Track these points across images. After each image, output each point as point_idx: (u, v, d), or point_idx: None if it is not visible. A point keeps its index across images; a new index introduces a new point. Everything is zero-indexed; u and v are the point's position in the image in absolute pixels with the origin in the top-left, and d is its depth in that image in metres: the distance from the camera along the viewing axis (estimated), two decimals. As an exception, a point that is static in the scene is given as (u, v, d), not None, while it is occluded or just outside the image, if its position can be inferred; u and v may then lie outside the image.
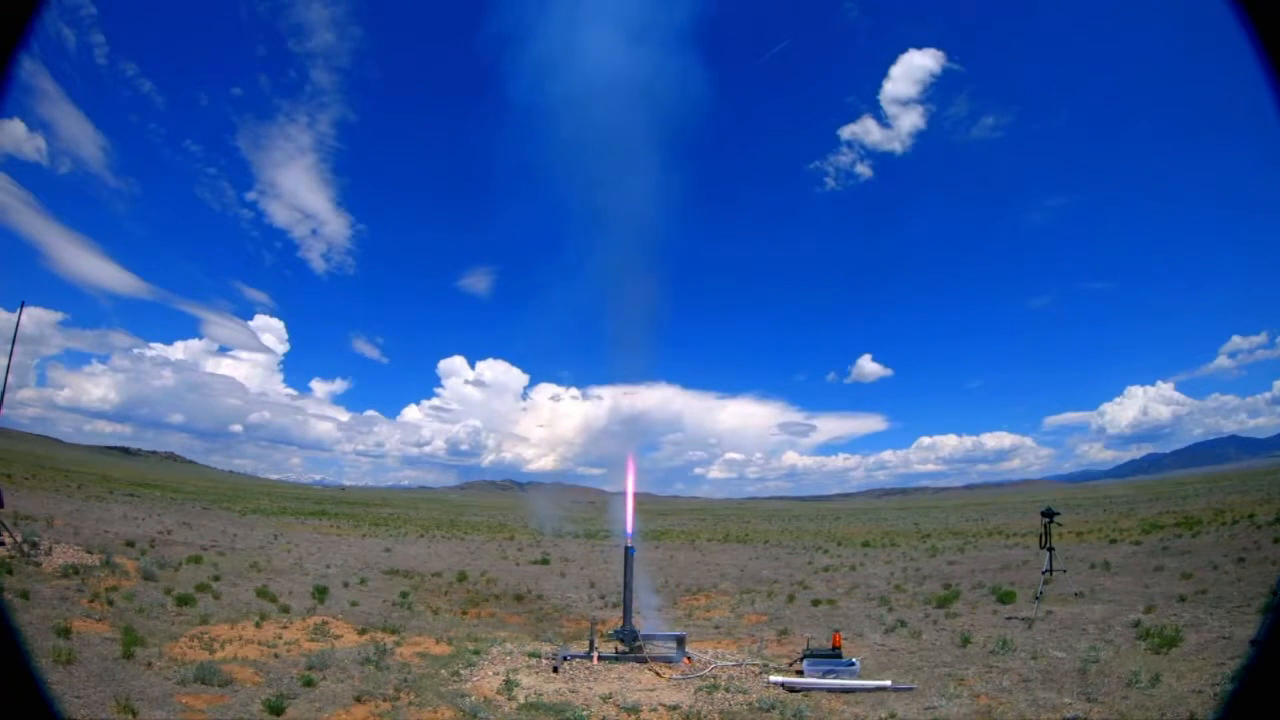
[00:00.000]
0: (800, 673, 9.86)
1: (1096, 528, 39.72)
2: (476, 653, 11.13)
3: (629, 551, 11.88)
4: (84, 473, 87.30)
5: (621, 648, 11.03)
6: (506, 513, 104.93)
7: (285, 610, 13.88)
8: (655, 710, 8.35)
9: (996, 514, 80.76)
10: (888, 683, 9.15)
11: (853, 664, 9.84)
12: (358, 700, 8.21)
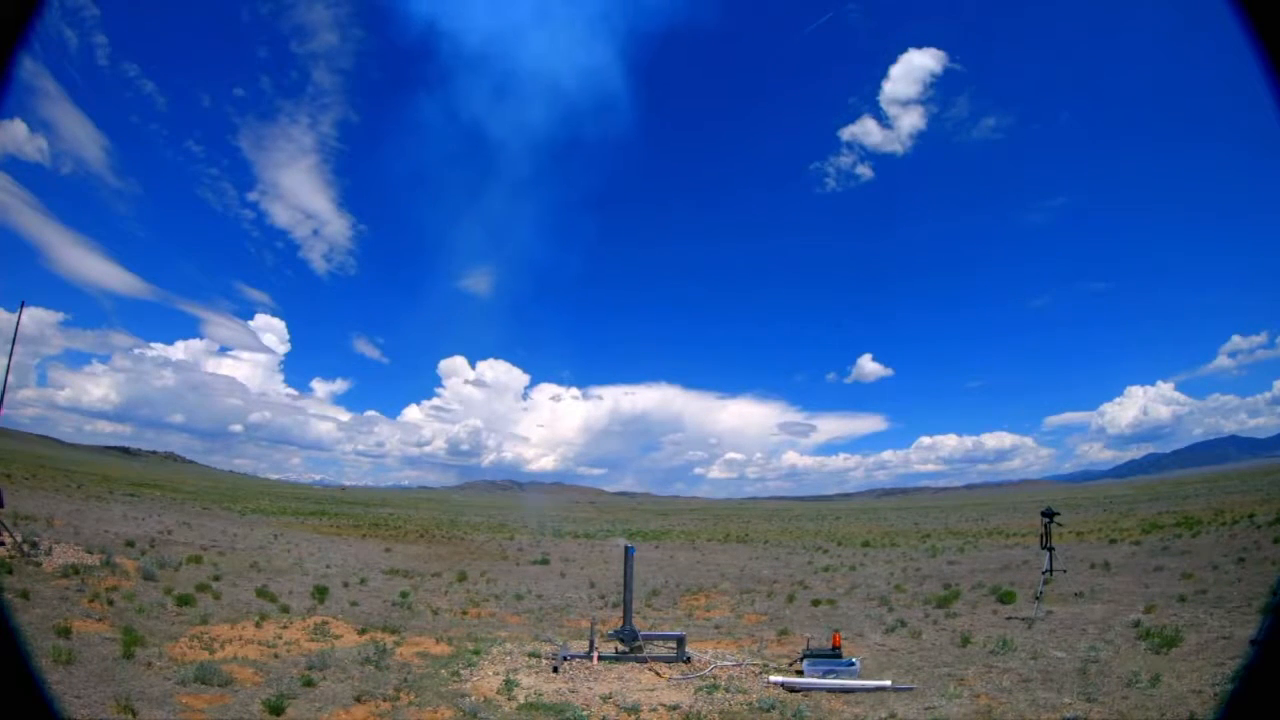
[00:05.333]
0: (800, 673, 9.86)
1: (1096, 528, 39.75)
2: (476, 653, 11.12)
3: (629, 551, 11.89)
4: (84, 473, 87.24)
5: (621, 648, 11.02)
6: (506, 512, 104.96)
7: (285, 610, 13.88)
8: (655, 710, 8.34)
9: (996, 514, 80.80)
10: (888, 683, 9.15)
11: (853, 664, 9.84)
12: (358, 700, 8.21)
